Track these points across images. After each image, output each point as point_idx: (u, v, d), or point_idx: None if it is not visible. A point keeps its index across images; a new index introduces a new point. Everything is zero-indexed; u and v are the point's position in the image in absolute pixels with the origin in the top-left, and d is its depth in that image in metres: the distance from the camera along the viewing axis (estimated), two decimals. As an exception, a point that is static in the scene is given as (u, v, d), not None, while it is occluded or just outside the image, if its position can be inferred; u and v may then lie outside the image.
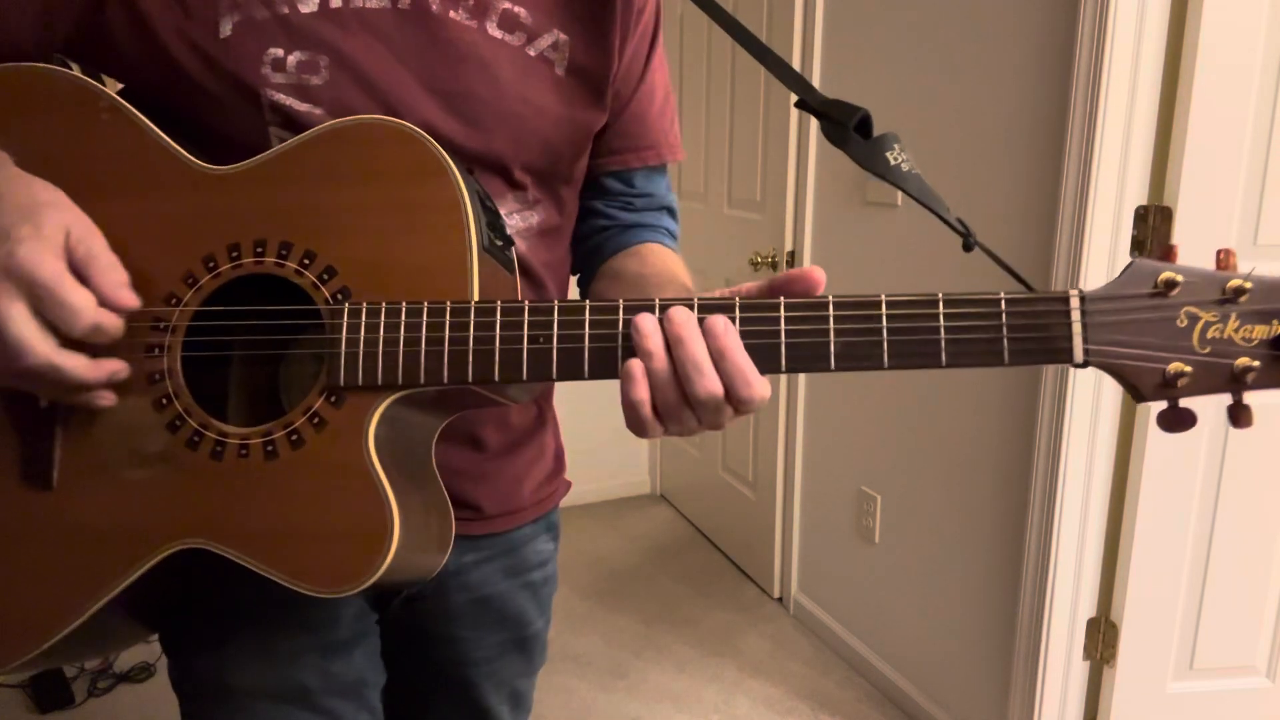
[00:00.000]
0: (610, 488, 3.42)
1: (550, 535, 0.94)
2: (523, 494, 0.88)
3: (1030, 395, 1.76)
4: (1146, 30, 1.54)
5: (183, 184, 0.66)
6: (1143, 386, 0.57)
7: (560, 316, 0.62)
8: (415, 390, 0.63)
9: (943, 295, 0.58)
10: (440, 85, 0.71)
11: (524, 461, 0.88)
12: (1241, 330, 0.56)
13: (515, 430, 0.86)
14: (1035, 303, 0.58)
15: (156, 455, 0.65)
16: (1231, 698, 1.85)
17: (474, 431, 0.81)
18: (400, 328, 0.62)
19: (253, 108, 0.67)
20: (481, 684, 0.92)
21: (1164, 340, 0.57)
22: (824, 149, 2.33)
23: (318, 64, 0.68)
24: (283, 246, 0.65)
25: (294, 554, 0.62)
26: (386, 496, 0.62)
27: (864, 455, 2.28)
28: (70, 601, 0.65)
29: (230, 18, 0.67)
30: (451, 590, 0.86)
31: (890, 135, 0.68)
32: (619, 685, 2.31)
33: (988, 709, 1.95)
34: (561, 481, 0.94)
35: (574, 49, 0.75)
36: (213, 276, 0.65)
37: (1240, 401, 0.57)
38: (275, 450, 0.63)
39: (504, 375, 0.62)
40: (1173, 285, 0.56)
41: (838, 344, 0.59)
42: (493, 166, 0.74)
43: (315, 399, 0.63)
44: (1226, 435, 1.71)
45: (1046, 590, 1.77)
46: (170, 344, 0.65)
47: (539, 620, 0.94)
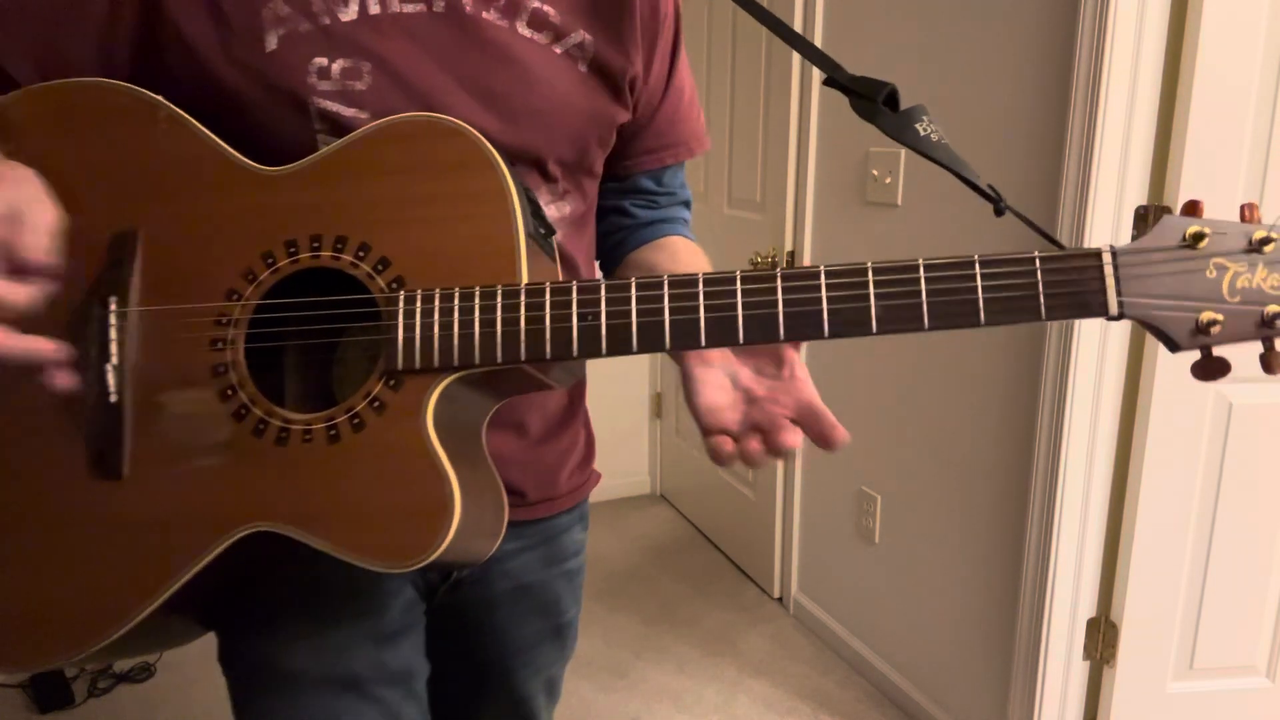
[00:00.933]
0: (610, 488, 3.42)
1: (583, 525, 0.98)
2: (559, 481, 0.91)
3: (1030, 395, 1.76)
4: (1146, 30, 1.54)
5: (240, 185, 0.70)
6: (1176, 336, 0.60)
7: (608, 295, 0.65)
8: (470, 371, 0.66)
9: (978, 257, 0.60)
10: (476, 84, 0.74)
11: (561, 449, 0.91)
12: (1270, 279, 0.58)
13: (553, 417, 0.89)
14: (1069, 259, 0.60)
15: (223, 443, 0.68)
16: (1231, 698, 1.85)
17: (518, 418, 0.84)
18: (454, 312, 0.66)
19: (301, 116, 0.71)
20: (520, 672, 0.95)
21: (1195, 291, 0.59)
22: (824, 149, 2.33)
23: (360, 70, 0.71)
24: (338, 240, 0.68)
25: (359, 532, 0.65)
26: (446, 474, 0.65)
27: (864, 455, 2.28)
28: (144, 586, 0.67)
29: (275, 32, 0.70)
30: (495, 577, 0.89)
31: (919, 107, 0.70)
32: (619, 685, 2.31)
33: (988, 709, 1.95)
34: (593, 471, 0.98)
35: (597, 48, 0.79)
36: (272, 272, 0.68)
37: (1272, 348, 0.60)
38: (338, 434, 0.66)
39: (555, 353, 0.65)
40: (1201, 238, 0.58)
41: (879, 308, 0.62)
42: (528, 160, 0.78)
43: (375, 384, 0.66)
44: (1226, 435, 1.71)
45: (1046, 590, 1.77)
46: (233, 337, 0.68)
47: (573, 608, 0.98)
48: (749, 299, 0.64)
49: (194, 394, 0.68)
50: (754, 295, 0.64)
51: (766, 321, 0.63)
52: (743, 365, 0.72)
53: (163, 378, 0.69)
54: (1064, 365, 1.68)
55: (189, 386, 0.68)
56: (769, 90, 2.53)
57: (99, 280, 0.69)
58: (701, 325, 0.64)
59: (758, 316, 0.64)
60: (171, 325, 0.69)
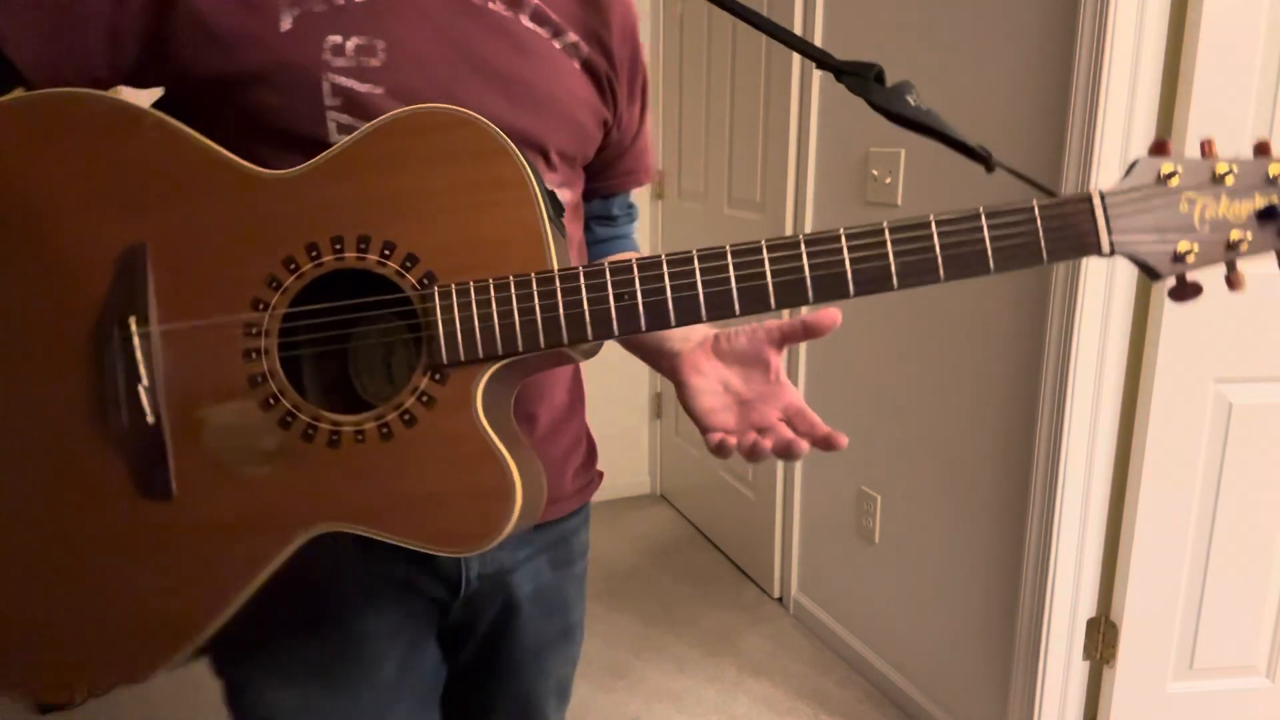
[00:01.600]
0: (610, 488, 3.42)
1: (587, 527, 0.99)
2: (565, 481, 0.92)
3: (1030, 395, 1.76)
4: (1146, 30, 1.54)
5: (246, 191, 0.68)
6: (1158, 266, 0.66)
7: (641, 274, 0.67)
8: (514, 358, 0.68)
9: (983, 208, 0.66)
10: (488, 66, 0.76)
11: (565, 446, 0.92)
12: (1232, 208, 0.65)
13: (558, 410, 0.90)
14: (1063, 204, 0.65)
15: (274, 451, 0.68)
16: (1231, 698, 1.85)
17: (528, 409, 0.86)
18: (491, 303, 0.67)
19: (314, 94, 0.70)
20: (533, 676, 0.96)
21: (1171, 224, 0.65)
22: (824, 149, 2.33)
23: (375, 47, 0.71)
24: (361, 240, 0.68)
25: (426, 522, 0.67)
26: (505, 458, 0.67)
27: (864, 455, 2.28)
28: (216, 597, 0.68)
29: (290, 12, 0.70)
30: (512, 585, 0.90)
31: (907, 82, 0.75)
32: (619, 685, 2.31)
33: (988, 709, 1.95)
34: (596, 472, 0.99)
35: (589, 51, 0.83)
36: (297, 277, 0.68)
37: (1234, 269, 0.67)
38: (390, 431, 0.67)
39: (596, 333, 0.67)
40: (1172, 175, 0.65)
41: (898, 264, 0.66)
42: (534, 147, 0.79)
43: (421, 379, 0.67)
44: (1226, 435, 1.71)
45: (1046, 590, 1.77)
46: (267, 346, 0.68)
47: (580, 608, 0.99)
48: (776, 265, 0.66)
49: (235, 406, 0.68)
50: (781, 262, 0.66)
51: (795, 286, 0.66)
52: (732, 373, 0.78)
53: (199, 393, 0.68)
54: (1064, 365, 1.68)
55: (228, 399, 0.68)
56: (769, 90, 2.53)
57: (112, 300, 0.68)
58: (735, 295, 0.67)
59: (787, 282, 0.66)
60: (200, 339, 0.68)
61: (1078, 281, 1.63)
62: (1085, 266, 1.62)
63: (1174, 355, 1.66)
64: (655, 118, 3.21)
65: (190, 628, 0.68)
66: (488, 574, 0.87)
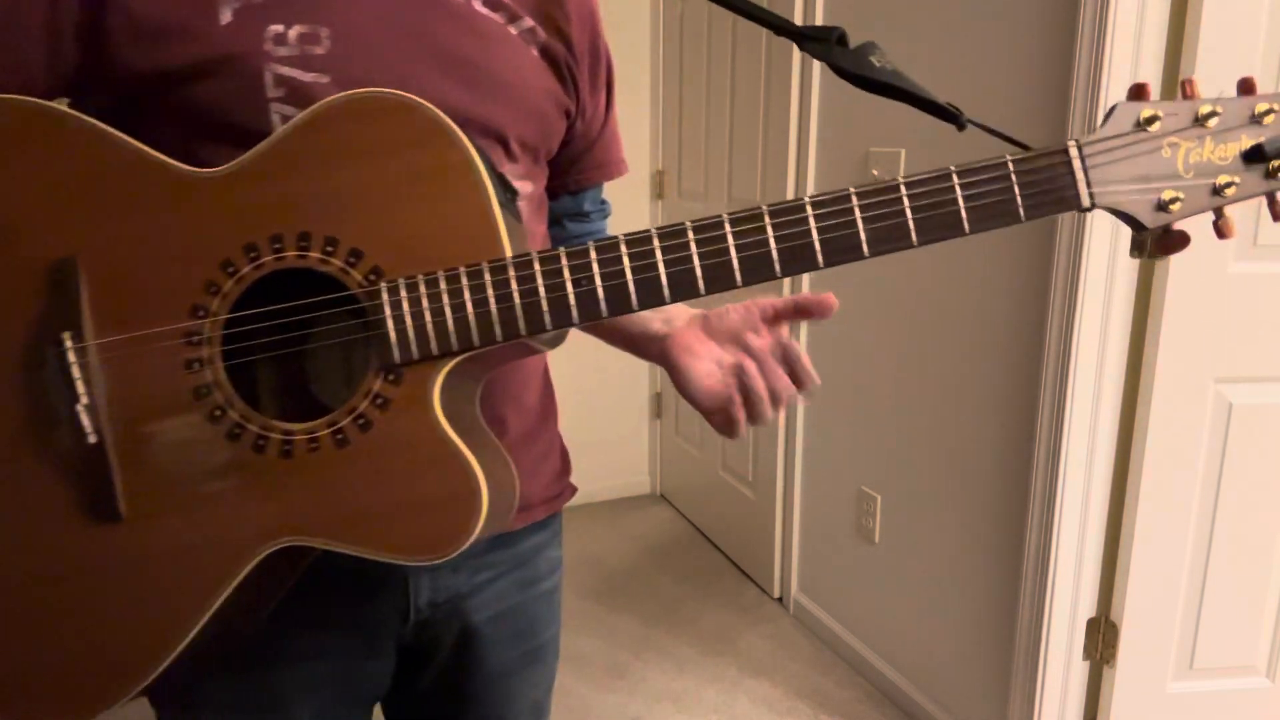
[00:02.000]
0: (610, 488, 3.42)
1: (557, 543, 0.94)
2: (535, 490, 0.88)
3: (1030, 395, 1.76)
4: (1146, 31, 1.54)
5: (179, 193, 0.65)
6: (1142, 217, 0.63)
7: (599, 256, 0.64)
8: (470, 353, 0.64)
9: (955, 167, 0.62)
10: (441, 52, 0.72)
11: (537, 454, 0.88)
12: (1218, 150, 0.61)
13: (529, 415, 0.87)
14: (1039, 158, 0.62)
15: (224, 465, 0.64)
16: (1231, 698, 1.85)
17: (496, 413, 0.82)
18: (443, 295, 0.63)
19: (255, 85, 0.67)
20: (500, 703, 0.91)
21: (1154, 171, 0.62)
22: (824, 149, 2.33)
23: (319, 35, 0.68)
24: (301, 238, 0.64)
25: (389, 531, 0.64)
26: (467, 459, 0.63)
27: (864, 455, 2.28)
28: (174, 622, 0.65)
29: (230, 4, 0.67)
30: (470, 610, 0.85)
31: (870, 43, 0.72)
32: (619, 685, 2.31)
33: (988, 709, 1.95)
34: (569, 484, 0.94)
35: (546, 37, 0.79)
36: (236, 281, 0.64)
37: (1223, 215, 0.63)
38: (345, 437, 0.64)
39: (555, 322, 0.64)
40: (1153, 120, 0.61)
41: (867, 231, 0.63)
42: (494, 136, 0.76)
43: (374, 381, 0.64)
44: (1226, 435, 1.71)
45: (1046, 590, 1.77)
46: (209, 355, 0.65)
47: (552, 626, 0.94)
48: (741, 240, 0.63)
49: (180, 420, 0.64)
50: (745, 236, 0.63)
51: (761, 260, 0.63)
52: (726, 351, 0.76)
53: (141, 409, 0.65)
54: (1064, 365, 1.68)
55: (173, 413, 0.64)
56: (769, 90, 2.53)
57: (44, 317, 0.64)
58: (699, 273, 0.63)
59: (752, 256, 0.63)
60: (140, 352, 0.65)
61: (1078, 281, 1.63)
62: (1086, 267, 1.62)
63: (1174, 355, 1.66)
64: (655, 118, 3.21)
65: (149, 656, 0.65)
66: (439, 602, 0.82)
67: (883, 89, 0.70)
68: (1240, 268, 1.62)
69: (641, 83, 3.18)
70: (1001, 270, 1.81)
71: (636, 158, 3.22)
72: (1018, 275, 1.77)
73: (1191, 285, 1.63)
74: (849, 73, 0.71)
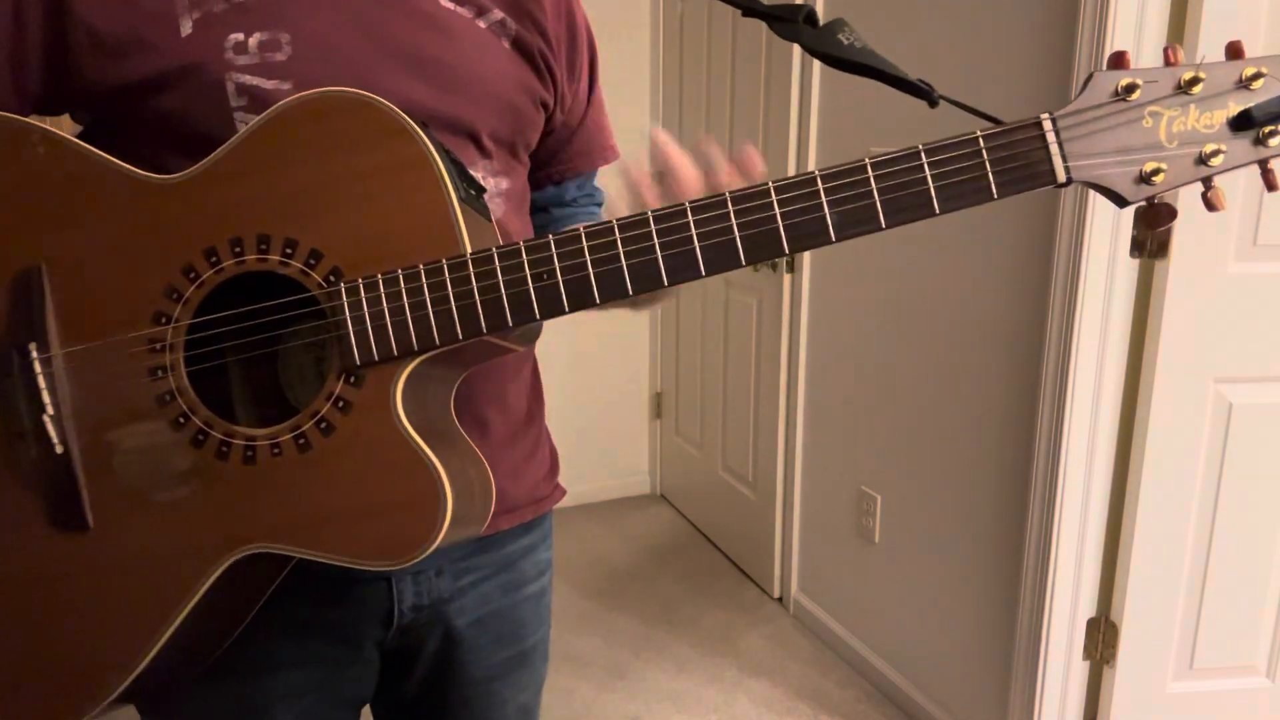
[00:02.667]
0: (610, 488, 3.42)
1: (546, 545, 0.93)
2: (521, 491, 0.87)
3: (1030, 395, 1.76)
4: (1146, 31, 1.54)
5: (139, 200, 0.65)
6: (1123, 191, 0.60)
7: (559, 249, 0.62)
8: (432, 352, 0.64)
9: (922, 145, 0.60)
10: (405, 51, 0.72)
11: (522, 453, 0.87)
12: (1203, 118, 0.58)
13: (515, 415, 0.86)
14: (1012, 133, 0.59)
15: (188, 472, 0.64)
16: (1231, 698, 1.85)
17: (479, 414, 0.81)
18: (402, 295, 0.63)
19: (217, 95, 0.67)
20: (486, 708, 0.90)
21: (1134, 142, 0.59)
22: (824, 148, 2.32)
23: (279, 41, 0.68)
24: (261, 240, 0.64)
25: (351, 536, 0.63)
26: (430, 460, 0.62)
27: (864, 455, 2.28)
28: (143, 631, 0.64)
29: (190, 16, 0.67)
30: (452, 614, 0.84)
31: (839, 20, 0.69)
32: (619, 685, 2.31)
33: (988, 709, 1.95)
34: (558, 485, 0.94)
35: (518, 29, 0.78)
36: (197, 286, 0.64)
37: (1212, 185, 0.60)
38: (307, 442, 0.63)
39: (516, 318, 0.63)
40: (1133, 89, 0.58)
41: (833, 215, 0.61)
42: (464, 133, 0.75)
43: (335, 383, 0.64)
44: (1226, 435, 1.71)
45: (1046, 590, 1.77)
46: (172, 362, 0.64)
47: (539, 630, 0.93)
48: (703, 228, 0.62)
49: (144, 428, 0.64)
50: (708, 224, 0.62)
51: (726, 248, 0.62)
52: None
53: (107, 418, 0.65)
54: (1064, 365, 1.68)
55: (137, 421, 0.64)
56: (769, 89, 2.53)
57: (9, 327, 0.65)
58: (661, 263, 0.62)
59: (716, 244, 0.62)
60: (103, 361, 0.65)
61: (1078, 281, 1.63)
62: (1086, 266, 1.62)
63: (1174, 355, 1.66)
64: (655, 118, 3.21)
65: (118, 666, 0.64)
66: (423, 605, 0.82)
67: (852, 67, 0.68)
68: (1240, 268, 1.62)
69: (641, 83, 3.18)
70: (1001, 270, 1.81)
71: (636, 157, 3.22)
72: (1018, 275, 1.77)
73: (1191, 285, 1.63)
74: (818, 52, 0.69)
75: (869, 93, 2.13)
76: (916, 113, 1.95)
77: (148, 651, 0.64)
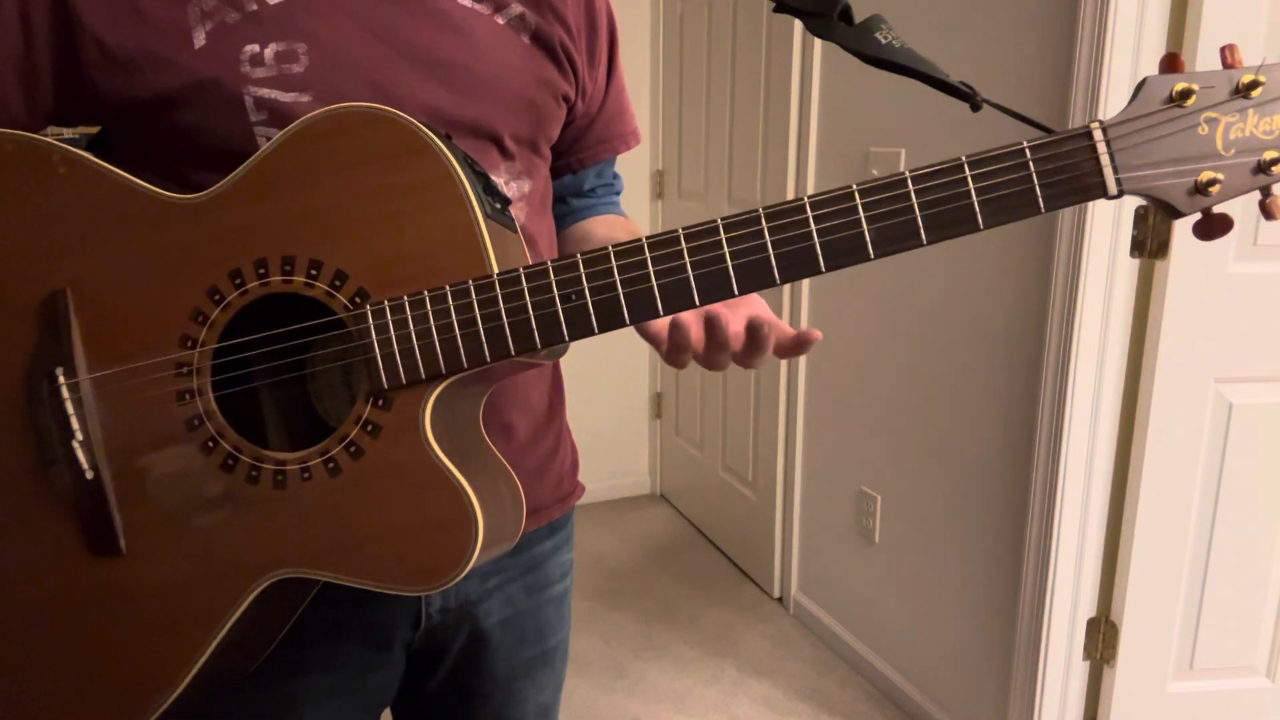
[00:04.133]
0: (610, 488, 3.42)
1: (568, 547, 0.94)
2: (545, 489, 0.87)
3: (1030, 395, 1.76)
4: (1146, 31, 1.54)
5: (164, 221, 0.64)
6: (1177, 203, 0.56)
7: (587, 269, 0.61)
8: (461, 375, 0.63)
9: (966, 157, 0.57)
10: (423, 56, 0.70)
11: (546, 451, 0.87)
12: (1262, 124, 0.55)
13: (537, 415, 0.86)
14: (1060, 144, 0.57)
15: (219, 497, 0.64)
16: (1231, 698, 1.85)
17: (504, 420, 0.81)
18: (429, 318, 0.62)
19: (236, 110, 0.66)
20: (508, 706, 0.90)
21: (1190, 151, 0.56)
22: (824, 149, 2.33)
23: (296, 52, 0.67)
24: (286, 261, 0.63)
25: (383, 561, 0.62)
26: (460, 483, 0.61)
27: (864, 455, 2.28)
28: (180, 655, 0.64)
29: (202, 27, 0.66)
30: (479, 616, 0.85)
31: (876, 17, 0.66)
32: (619, 685, 2.31)
33: (988, 709, 1.95)
34: (578, 482, 0.94)
35: (537, 22, 0.76)
36: (223, 309, 0.64)
37: (1270, 194, 0.57)
38: (337, 466, 0.63)
39: (545, 340, 0.62)
40: (1188, 94, 0.55)
41: (872, 231, 0.58)
42: (486, 136, 0.74)
43: (363, 407, 0.63)
44: (1226, 435, 1.71)
45: (1046, 590, 1.77)
46: (199, 386, 0.64)
47: (561, 630, 0.94)
48: (736, 246, 0.60)
49: (174, 452, 0.64)
50: (741, 242, 0.59)
51: (759, 267, 0.60)
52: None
53: (136, 443, 0.64)
54: (1064, 365, 1.68)
55: (166, 446, 0.64)
56: (769, 90, 2.53)
57: (37, 353, 0.64)
58: (693, 283, 0.60)
59: (749, 264, 0.60)
60: (131, 386, 0.64)
61: (1078, 281, 1.63)
62: (1086, 266, 1.62)
63: (1174, 355, 1.66)
64: (655, 118, 3.21)
65: (155, 691, 0.64)
66: (451, 607, 0.83)
67: (891, 66, 0.65)
68: (1240, 267, 1.62)
69: (641, 83, 3.18)
70: (1002, 270, 1.81)
71: (636, 157, 3.22)
72: (1018, 275, 1.77)
73: (1191, 285, 1.63)
74: (853, 49, 0.66)
75: (869, 93, 2.14)
76: (917, 114, 1.95)
77: (185, 675, 0.64)
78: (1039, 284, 1.71)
